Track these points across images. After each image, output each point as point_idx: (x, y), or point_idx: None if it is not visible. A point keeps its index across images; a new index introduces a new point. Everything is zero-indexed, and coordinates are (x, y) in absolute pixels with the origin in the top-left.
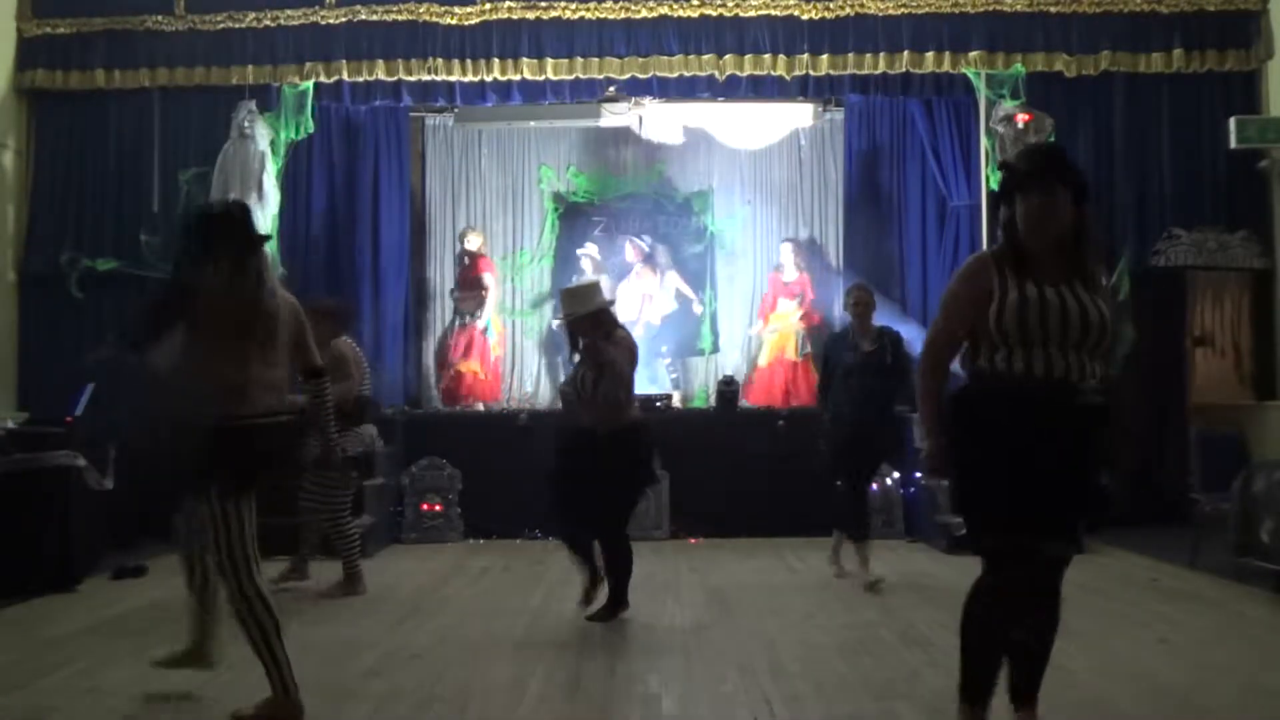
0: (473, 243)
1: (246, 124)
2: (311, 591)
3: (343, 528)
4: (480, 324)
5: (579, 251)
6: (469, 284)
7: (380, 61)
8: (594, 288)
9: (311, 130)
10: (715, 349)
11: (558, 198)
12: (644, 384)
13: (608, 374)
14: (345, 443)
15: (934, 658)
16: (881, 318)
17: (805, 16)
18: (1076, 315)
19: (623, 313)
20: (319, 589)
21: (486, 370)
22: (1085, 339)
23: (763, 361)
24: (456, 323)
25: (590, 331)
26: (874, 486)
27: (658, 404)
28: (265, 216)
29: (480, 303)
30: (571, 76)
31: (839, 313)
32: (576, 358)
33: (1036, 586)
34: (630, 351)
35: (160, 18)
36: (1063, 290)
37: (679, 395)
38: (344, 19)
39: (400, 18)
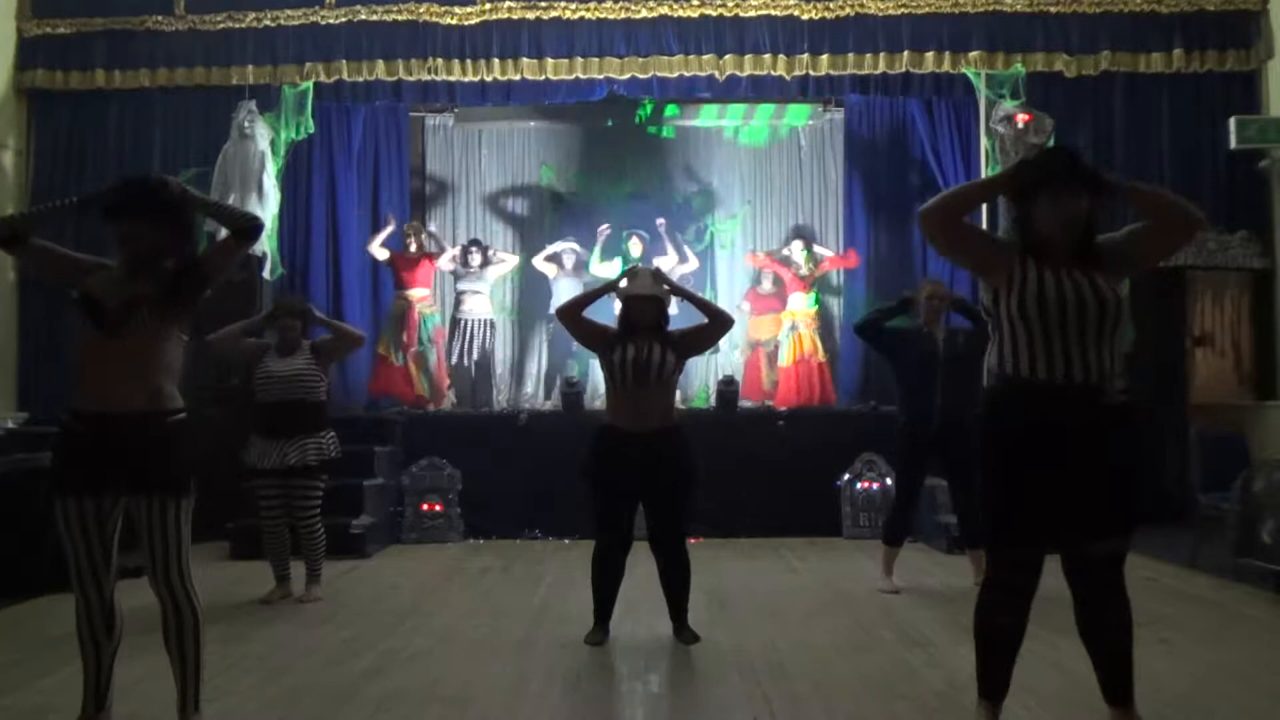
0: (413, 242)
1: (246, 124)
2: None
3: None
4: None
5: (561, 247)
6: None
7: (380, 61)
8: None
9: (311, 130)
10: (715, 349)
11: (557, 198)
12: None
13: (681, 359)
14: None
15: (934, 658)
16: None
17: (805, 16)
18: (1092, 297)
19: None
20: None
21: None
22: (1103, 322)
23: (785, 361)
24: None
25: (652, 317)
26: (873, 486)
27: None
28: (265, 216)
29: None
30: (571, 76)
31: (840, 311)
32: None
33: (1028, 592)
34: None
35: (160, 18)
36: (1075, 274)
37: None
38: (344, 19)
39: (400, 18)
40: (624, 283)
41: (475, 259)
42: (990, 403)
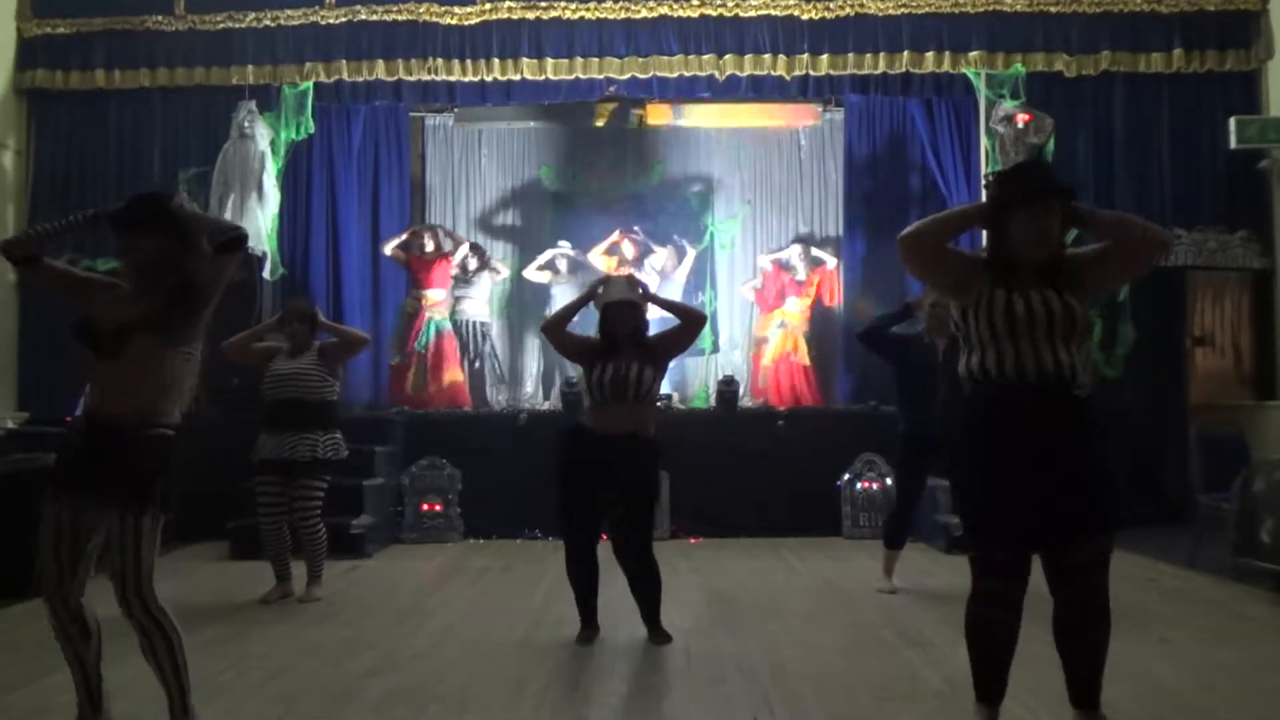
0: (429, 241)
1: (246, 124)
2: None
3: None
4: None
5: (551, 254)
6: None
7: (380, 61)
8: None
9: (311, 130)
10: (715, 349)
11: (557, 198)
12: None
13: (660, 370)
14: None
15: (934, 658)
16: None
17: (805, 16)
18: (1060, 309)
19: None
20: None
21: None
22: (1070, 330)
23: (767, 360)
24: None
25: (631, 323)
26: (873, 486)
27: (658, 404)
28: (265, 216)
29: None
30: (571, 76)
31: (841, 313)
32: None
33: (1015, 599)
34: None
35: (160, 18)
36: (1045, 291)
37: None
38: (344, 19)
39: (400, 18)
40: (600, 290)
41: (472, 263)
42: (964, 407)
